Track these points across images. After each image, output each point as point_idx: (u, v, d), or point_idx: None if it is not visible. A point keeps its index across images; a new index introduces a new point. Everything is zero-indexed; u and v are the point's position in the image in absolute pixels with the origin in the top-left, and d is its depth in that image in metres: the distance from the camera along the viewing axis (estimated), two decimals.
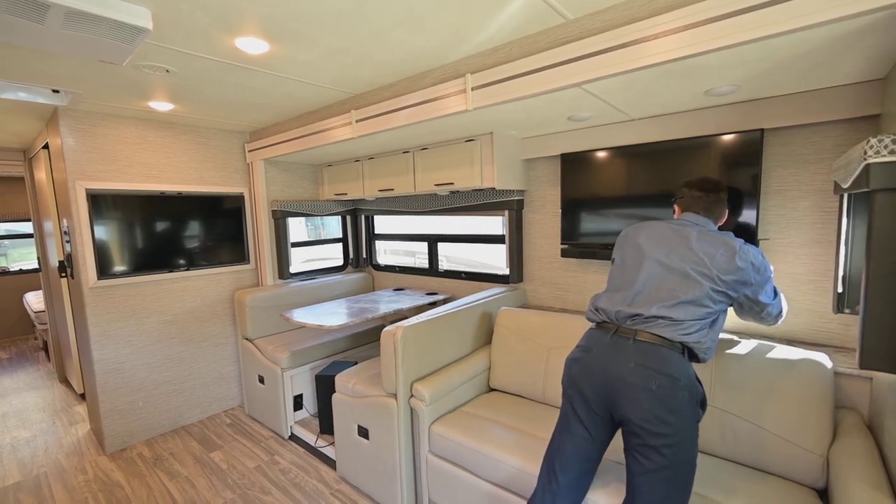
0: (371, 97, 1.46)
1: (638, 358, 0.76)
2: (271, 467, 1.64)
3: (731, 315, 1.30)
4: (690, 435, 0.75)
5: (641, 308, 0.81)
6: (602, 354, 0.81)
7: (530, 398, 1.42)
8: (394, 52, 1.12)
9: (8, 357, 3.18)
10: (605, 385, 0.79)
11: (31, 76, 1.27)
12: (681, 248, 0.84)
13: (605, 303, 0.87)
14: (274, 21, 0.94)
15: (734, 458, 1.05)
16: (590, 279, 1.62)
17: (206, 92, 1.46)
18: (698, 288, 0.79)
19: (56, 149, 1.75)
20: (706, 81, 0.99)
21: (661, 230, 0.91)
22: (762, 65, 0.88)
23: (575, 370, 0.85)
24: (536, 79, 1.01)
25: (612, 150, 1.42)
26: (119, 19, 0.83)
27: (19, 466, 1.70)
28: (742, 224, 1.17)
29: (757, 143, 1.14)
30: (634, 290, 0.84)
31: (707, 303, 0.79)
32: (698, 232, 0.87)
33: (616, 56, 0.88)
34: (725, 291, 0.81)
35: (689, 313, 0.78)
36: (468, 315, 1.54)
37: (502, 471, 1.10)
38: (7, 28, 0.83)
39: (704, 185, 0.96)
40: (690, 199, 0.96)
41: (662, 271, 0.83)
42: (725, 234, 0.87)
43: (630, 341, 0.79)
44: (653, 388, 0.73)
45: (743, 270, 0.80)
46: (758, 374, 1.04)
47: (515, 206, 1.73)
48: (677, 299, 0.79)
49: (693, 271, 0.81)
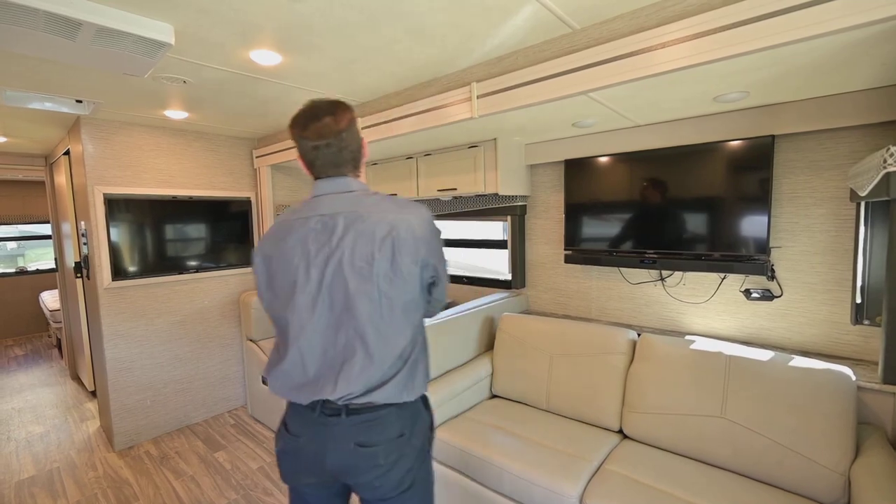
0: (377, 105, 1.49)
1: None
2: (273, 469, 1.65)
3: (743, 323, 1.28)
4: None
5: None
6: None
7: (533, 405, 1.40)
8: (401, 61, 1.14)
9: (24, 354, 3.28)
10: None
11: (58, 88, 1.33)
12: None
13: None
14: (288, 34, 0.97)
15: (747, 472, 1.01)
16: (593, 285, 1.61)
17: (220, 101, 1.51)
18: None
19: (77, 155, 1.82)
20: (715, 88, 0.98)
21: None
22: (774, 71, 0.87)
23: None
24: (542, 87, 1.02)
25: (616, 156, 1.41)
26: (143, 35, 0.88)
27: (34, 461, 1.74)
28: (752, 231, 1.15)
29: (768, 149, 1.12)
30: None
31: None
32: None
33: (624, 64, 0.88)
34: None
35: None
36: (470, 320, 1.53)
37: (506, 479, 1.08)
38: (41, 44, 0.88)
39: (318, 127, 0.61)
40: (320, 152, 0.63)
41: None
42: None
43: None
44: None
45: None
46: (774, 386, 1.01)
47: (519, 211, 1.73)
48: None
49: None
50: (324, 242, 0.62)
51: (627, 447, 1.16)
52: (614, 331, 1.32)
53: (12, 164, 2.57)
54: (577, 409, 1.30)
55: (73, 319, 2.38)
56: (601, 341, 1.32)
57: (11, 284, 3.71)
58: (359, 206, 0.64)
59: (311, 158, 0.65)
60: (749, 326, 1.28)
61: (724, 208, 1.20)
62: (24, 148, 2.40)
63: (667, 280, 1.43)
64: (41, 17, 0.78)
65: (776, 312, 1.22)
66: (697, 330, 1.38)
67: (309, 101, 0.65)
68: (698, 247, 1.26)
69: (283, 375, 0.64)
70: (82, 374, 2.45)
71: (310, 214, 0.64)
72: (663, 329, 1.44)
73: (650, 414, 1.16)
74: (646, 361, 1.23)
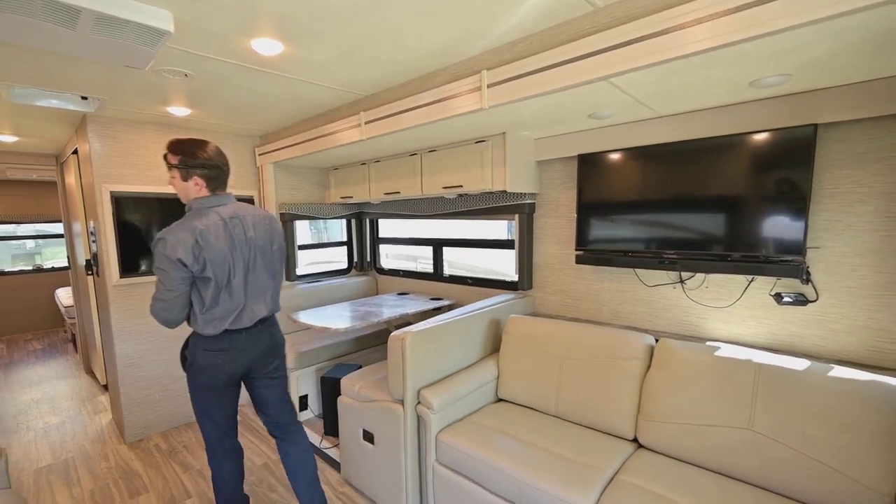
0: (381, 98, 1.43)
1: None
2: (277, 465, 1.65)
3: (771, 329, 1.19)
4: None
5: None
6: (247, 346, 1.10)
7: (541, 410, 1.35)
8: (406, 49, 1.08)
9: (42, 348, 3.41)
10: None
11: (62, 83, 1.33)
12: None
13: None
14: (289, 20, 0.93)
15: (775, 488, 0.94)
16: (605, 287, 1.53)
17: (221, 96, 1.48)
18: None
19: (84, 154, 1.83)
20: (754, 70, 0.88)
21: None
22: (824, 49, 0.76)
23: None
24: (559, 73, 0.94)
25: (634, 151, 1.32)
26: (143, 22, 0.86)
27: (51, 450, 1.80)
28: (786, 230, 1.05)
29: (808, 140, 1.01)
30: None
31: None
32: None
33: (650, 45, 0.80)
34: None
35: None
36: (476, 322, 1.48)
37: (512, 485, 1.04)
38: (42, 35, 0.87)
39: (218, 152, 1.05)
40: (221, 173, 1.06)
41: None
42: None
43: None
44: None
45: None
46: (812, 398, 0.93)
47: (527, 209, 1.65)
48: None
49: None
50: (242, 233, 1.06)
51: (643, 457, 1.10)
52: (630, 335, 1.25)
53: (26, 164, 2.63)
54: (588, 416, 1.24)
55: (86, 315, 2.43)
56: (615, 346, 1.25)
57: (29, 282, 3.86)
58: (244, 209, 1.09)
59: (214, 175, 1.04)
60: (778, 333, 1.19)
61: (755, 205, 1.11)
62: (37, 148, 2.44)
63: (687, 282, 1.34)
64: (38, 4, 0.76)
65: (810, 318, 1.13)
66: (720, 336, 1.29)
67: (186, 138, 1.04)
68: (724, 247, 1.17)
69: (221, 317, 1.03)
70: (95, 368, 2.51)
71: (226, 216, 1.04)
72: (682, 334, 1.37)
73: (668, 423, 1.10)
74: (665, 368, 1.16)
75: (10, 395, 2.41)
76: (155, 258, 0.96)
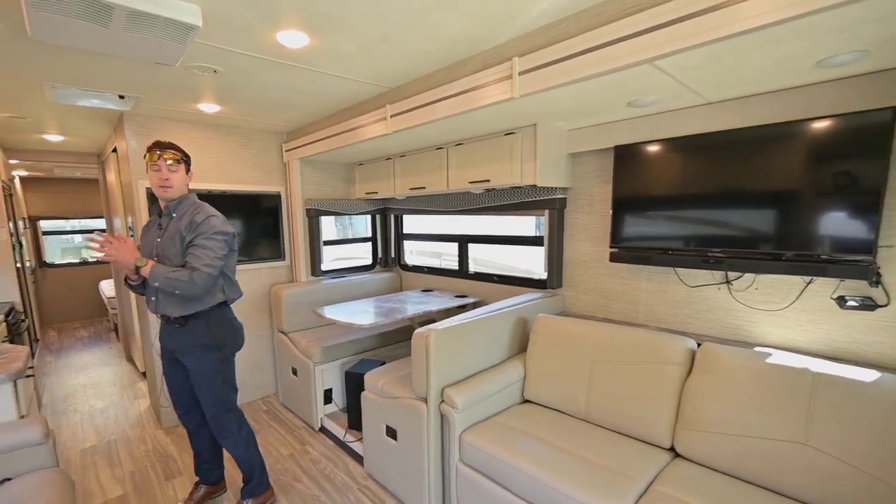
0: (407, 90, 1.40)
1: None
2: (303, 456, 1.69)
3: (831, 335, 1.08)
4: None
5: None
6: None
7: (570, 413, 1.30)
8: (434, 37, 1.05)
9: (88, 336, 3.68)
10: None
11: (101, 83, 1.40)
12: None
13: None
14: (314, 9, 0.91)
15: None
16: (642, 287, 1.44)
17: (249, 92, 1.51)
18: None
19: (122, 151, 1.92)
20: (823, 47, 0.78)
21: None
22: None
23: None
24: (598, 56, 0.88)
25: (677, 141, 1.23)
26: (172, 17, 0.88)
27: (95, 432, 1.93)
28: (854, 227, 0.94)
29: (885, 126, 0.90)
30: None
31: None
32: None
33: (702, 22, 0.72)
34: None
35: None
36: (502, 321, 1.45)
37: (538, 489, 1.01)
38: (78, 34, 0.91)
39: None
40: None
41: None
42: None
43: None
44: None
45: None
46: (884, 414, 0.84)
47: (557, 204, 1.58)
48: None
49: None
50: None
51: (680, 467, 1.04)
52: (669, 338, 1.18)
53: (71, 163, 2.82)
54: (621, 421, 1.18)
55: (126, 307, 2.58)
56: (653, 349, 1.18)
57: (77, 274, 4.16)
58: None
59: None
60: (839, 340, 1.08)
61: (816, 199, 1.00)
62: (80, 147, 2.61)
63: (734, 283, 1.24)
64: (75, 2, 0.79)
65: (877, 324, 1.02)
66: (770, 341, 1.19)
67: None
68: (778, 245, 1.07)
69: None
70: (135, 356, 2.67)
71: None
72: (726, 338, 1.27)
73: (710, 433, 1.03)
74: (708, 374, 1.08)
75: (59, 380, 2.60)
76: (213, 231, 1.17)
